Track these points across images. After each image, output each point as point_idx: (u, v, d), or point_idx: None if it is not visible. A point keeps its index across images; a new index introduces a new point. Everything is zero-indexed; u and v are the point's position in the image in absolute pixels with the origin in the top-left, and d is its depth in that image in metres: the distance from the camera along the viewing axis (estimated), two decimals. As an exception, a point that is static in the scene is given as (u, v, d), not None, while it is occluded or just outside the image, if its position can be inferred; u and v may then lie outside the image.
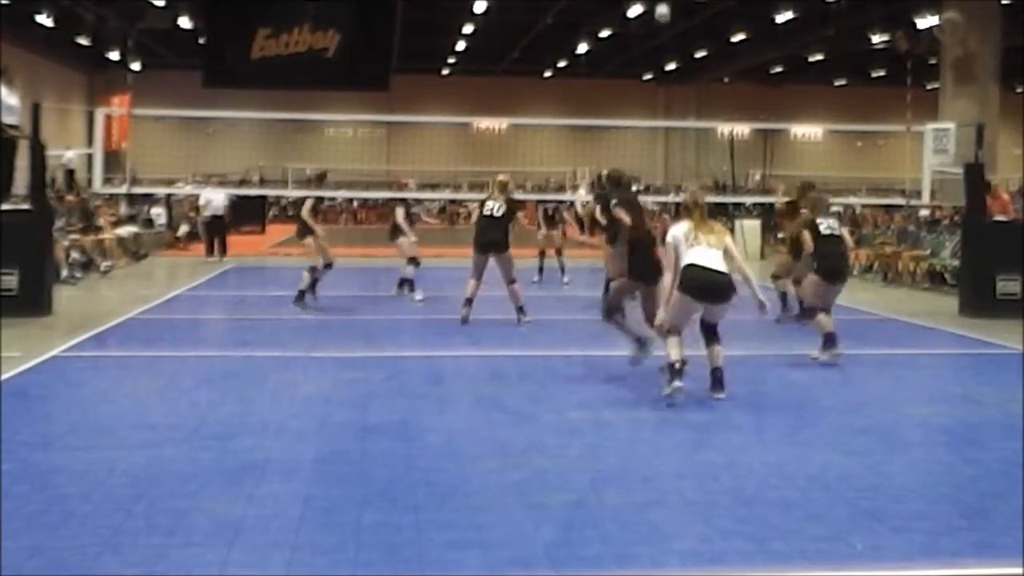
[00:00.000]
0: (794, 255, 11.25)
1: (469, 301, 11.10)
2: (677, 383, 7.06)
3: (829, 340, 8.79)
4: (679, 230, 7.34)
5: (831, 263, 9.12)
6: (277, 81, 24.14)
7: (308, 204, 12.59)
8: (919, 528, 4.68)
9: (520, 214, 11.51)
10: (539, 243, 16.10)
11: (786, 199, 11.73)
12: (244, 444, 5.99)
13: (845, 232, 9.71)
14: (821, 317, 8.90)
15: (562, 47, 35.13)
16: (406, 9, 26.17)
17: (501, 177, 11.69)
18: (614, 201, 9.90)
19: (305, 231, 12.13)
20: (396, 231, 13.58)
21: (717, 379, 7.31)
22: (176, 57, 34.67)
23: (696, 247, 7.19)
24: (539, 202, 16.47)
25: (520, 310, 11.18)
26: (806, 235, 9.36)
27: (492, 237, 11.08)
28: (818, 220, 9.29)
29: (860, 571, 4.21)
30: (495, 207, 11.18)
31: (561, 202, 14.32)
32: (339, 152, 39.26)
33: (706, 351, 7.38)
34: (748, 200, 25.14)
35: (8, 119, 11.79)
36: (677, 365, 7.13)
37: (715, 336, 7.39)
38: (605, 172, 10.72)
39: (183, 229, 23.56)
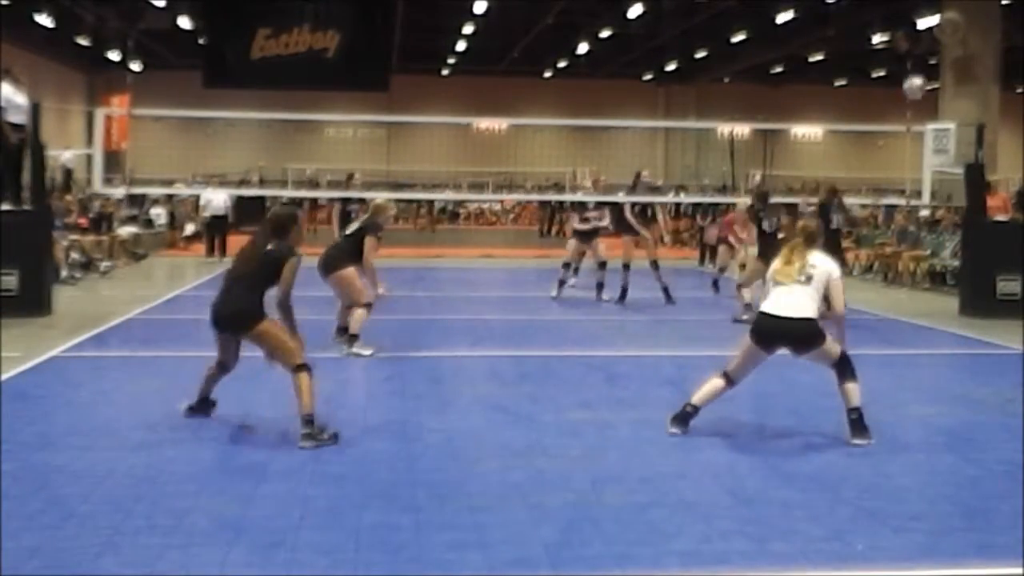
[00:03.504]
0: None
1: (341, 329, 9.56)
2: (674, 428, 6.33)
3: None
4: (778, 259, 6.48)
5: None
6: (277, 81, 24.15)
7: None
8: (919, 528, 4.68)
9: (368, 242, 9.23)
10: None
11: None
12: (244, 444, 5.99)
13: None
14: None
15: (562, 47, 35.12)
16: (406, 9, 26.19)
17: (378, 201, 10.26)
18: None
19: None
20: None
21: (853, 422, 6.21)
22: (176, 57, 34.65)
23: (779, 286, 6.30)
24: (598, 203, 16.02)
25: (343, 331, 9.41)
26: None
27: (327, 254, 9.44)
28: None
29: (860, 571, 4.21)
30: (354, 227, 9.78)
31: (604, 203, 13.95)
32: (339, 152, 39.23)
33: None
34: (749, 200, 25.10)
35: (16, 118, 11.81)
36: (688, 408, 6.39)
37: (846, 374, 6.27)
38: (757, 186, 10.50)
39: (189, 228, 23.55)
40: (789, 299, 6.21)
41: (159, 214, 23.77)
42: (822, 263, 6.33)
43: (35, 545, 4.27)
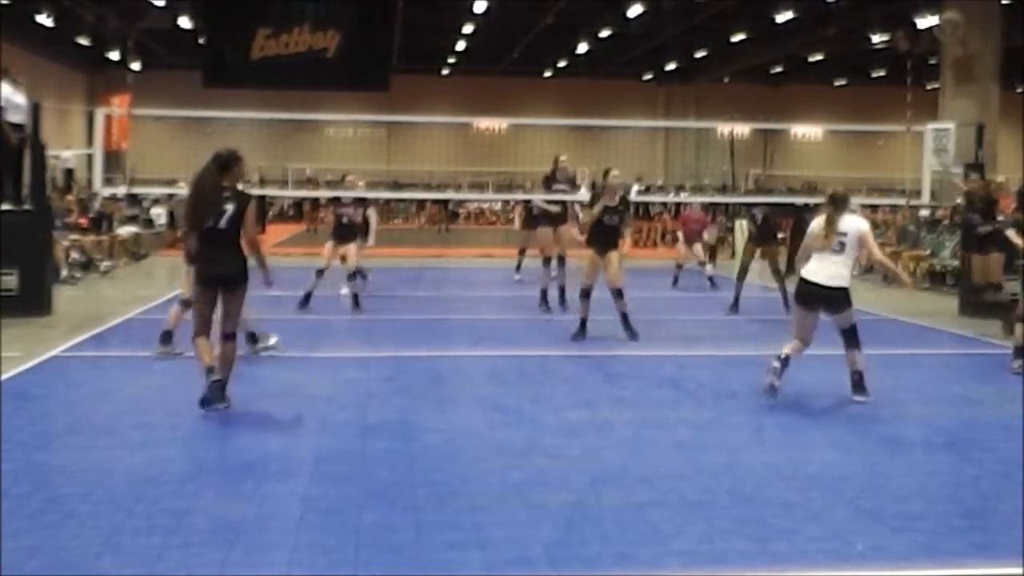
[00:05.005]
0: None
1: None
2: (771, 379, 7.29)
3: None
4: (814, 224, 7.53)
5: None
6: (277, 81, 24.12)
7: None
8: (919, 528, 4.68)
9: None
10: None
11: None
12: (244, 444, 5.99)
13: None
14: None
15: (562, 47, 35.10)
16: (406, 9, 26.16)
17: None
18: None
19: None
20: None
21: (855, 382, 7.38)
22: (176, 57, 34.64)
23: (819, 254, 7.36)
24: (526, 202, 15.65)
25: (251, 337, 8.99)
26: None
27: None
28: None
29: (860, 571, 4.21)
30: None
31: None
32: (339, 152, 39.23)
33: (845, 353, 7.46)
34: (749, 200, 25.13)
35: (15, 118, 11.81)
36: (776, 363, 7.33)
37: (851, 341, 7.39)
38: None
39: None
40: (826, 269, 7.31)
41: (159, 214, 23.75)
42: (851, 225, 7.37)
43: (35, 545, 4.27)
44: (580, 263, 12.10)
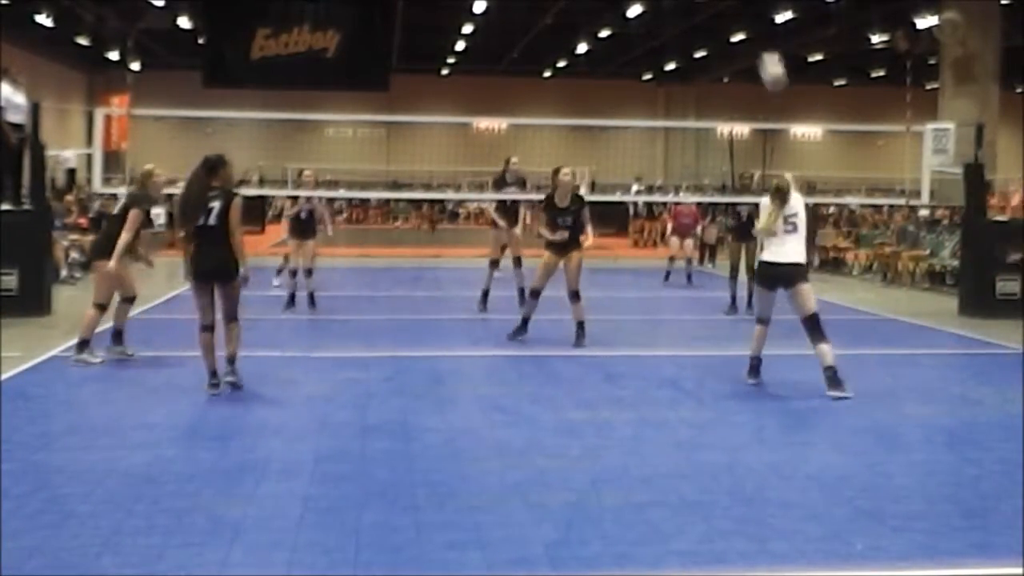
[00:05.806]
0: None
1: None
2: (752, 380, 7.84)
3: None
4: (763, 216, 7.84)
5: None
6: (277, 81, 24.13)
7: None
8: (919, 528, 4.68)
9: (132, 215, 8.63)
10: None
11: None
12: (244, 444, 5.99)
13: None
14: None
15: (562, 47, 35.11)
16: (406, 9, 26.17)
17: (146, 168, 9.24)
18: None
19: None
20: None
21: (828, 378, 7.38)
22: (176, 57, 34.65)
23: (772, 238, 7.69)
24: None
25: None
26: None
27: (95, 239, 9.11)
28: None
29: (860, 571, 4.21)
30: (121, 203, 9.08)
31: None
32: (339, 152, 39.23)
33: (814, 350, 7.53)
34: (749, 200, 25.12)
35: (15, 118, 11.81)
36: (754, 361, 7.86)
37: (817, 334, 7.47)
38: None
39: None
40: (782, 248, 7.63)
41: (159, 214, 23.71)
42: (799, 205, 7.71)
43: (35, 545, 4.27)
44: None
